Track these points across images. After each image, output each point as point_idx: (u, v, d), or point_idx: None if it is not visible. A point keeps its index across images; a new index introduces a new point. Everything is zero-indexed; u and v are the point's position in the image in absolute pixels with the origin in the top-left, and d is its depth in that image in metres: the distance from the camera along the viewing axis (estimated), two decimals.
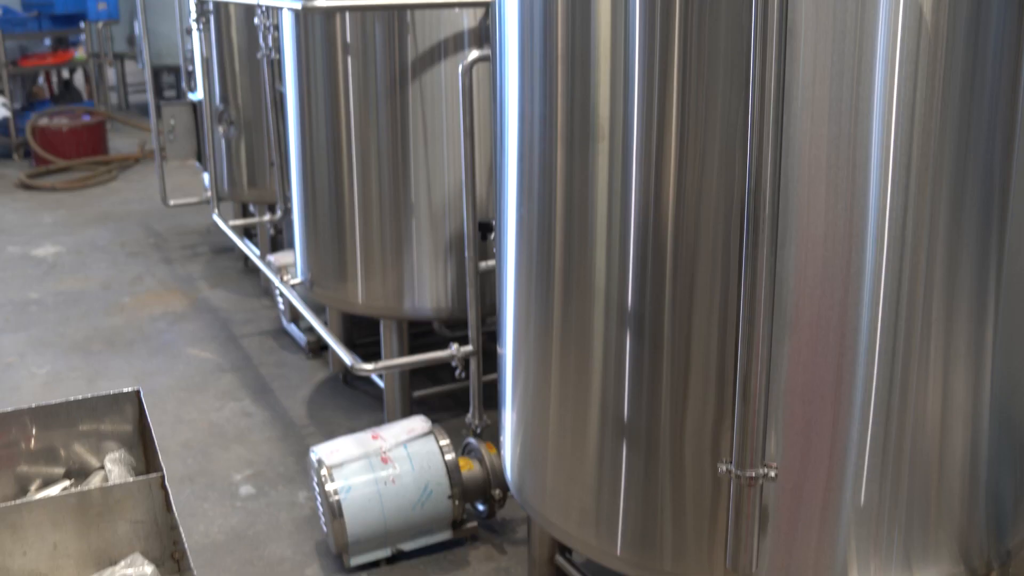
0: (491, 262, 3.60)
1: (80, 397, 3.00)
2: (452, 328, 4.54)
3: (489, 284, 3.65)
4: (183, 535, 2.60)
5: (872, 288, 2.03)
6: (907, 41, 1.92)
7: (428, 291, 3.89)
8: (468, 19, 3.59)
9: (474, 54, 3.24)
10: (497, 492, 3.40)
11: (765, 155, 1.89)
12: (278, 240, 6.23)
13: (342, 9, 3.68)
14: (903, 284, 2.04)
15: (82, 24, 11.27)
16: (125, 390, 3.03)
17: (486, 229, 3.53)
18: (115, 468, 2.95)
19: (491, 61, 2.58)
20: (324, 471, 3.28)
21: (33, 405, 2.95)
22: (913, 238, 2.02)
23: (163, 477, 2.66)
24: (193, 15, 5.69)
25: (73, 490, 2.70)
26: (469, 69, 3.23)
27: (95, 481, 2.96)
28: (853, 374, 2.07)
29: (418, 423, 3.44)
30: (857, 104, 1.94)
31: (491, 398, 3.90)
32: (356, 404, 4.65)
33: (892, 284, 2.04)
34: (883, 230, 2.00)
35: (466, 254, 3.47)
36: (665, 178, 2.07)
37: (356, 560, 3.31)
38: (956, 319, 2.12)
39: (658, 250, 2.11)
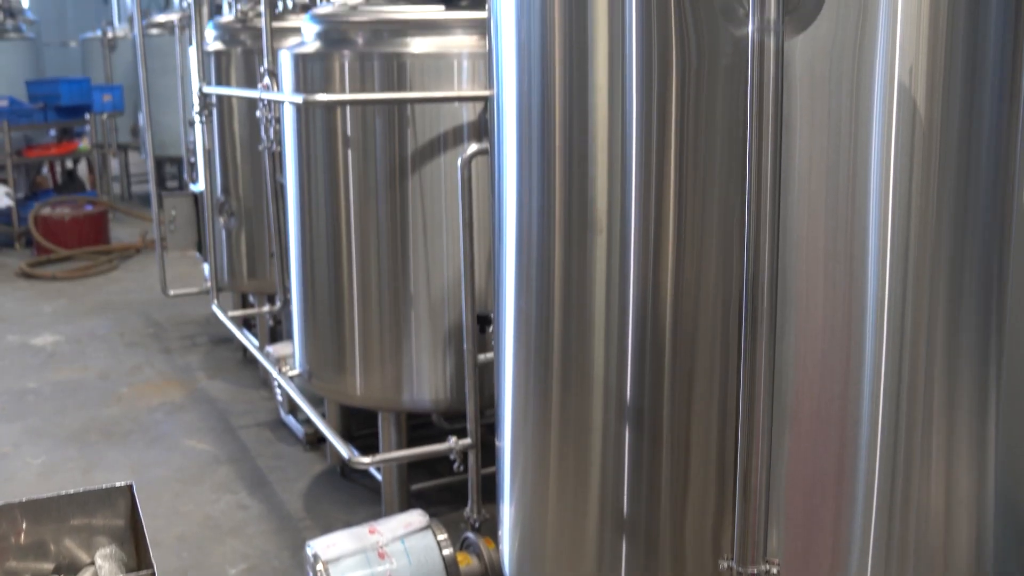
0: (490, 354, 3.59)
1: (72, 491, 2.97)
2: (451, 420, 4.51)
3: (488, 376, 3.63)
4: None
5: (872, 379, 2.02)
6: (901, 133, 1.94)
7: (427, 383, 3.87)
8: (467, 113, 3.63)
9: (473, 147, 3.27)
10: None
11: (763, 247, 1.89)
12: (277, 331, 6.23)
13: (343, 103, 3.73)
14: (903, 374, 2.03)
15: (87, 115, 11.41)
16: (117, 484, 3.00)
17: (485, 321, 3.53)
18: (106, 564, 2.91)
19: (490, 154, 2.60)
20: (320, 566, 3.23)
21: (24, 499, 2.92)
22: (912, 328, 2.02)
23: (153, 574, 2.62)
24: (196, 108, 5.76)
25: None
26: (468, 162, 3.26)
27: None
28: (855, 466, 2.05)
29: (416, 517, 3.39)
30: (853, 195, 1.95)
31: (490, 491, 3.86)
32: (354, 497, 4.60)
33: (892, 374, 2.03)
34: (882, 320, 2.00)
35: (465, 346, 3.46)
36: (663, 270, 2.08)
37: None
38: (958, 409, 2.10)
39: (657, 342, 2.11)
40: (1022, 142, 2.12)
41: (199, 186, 6.47)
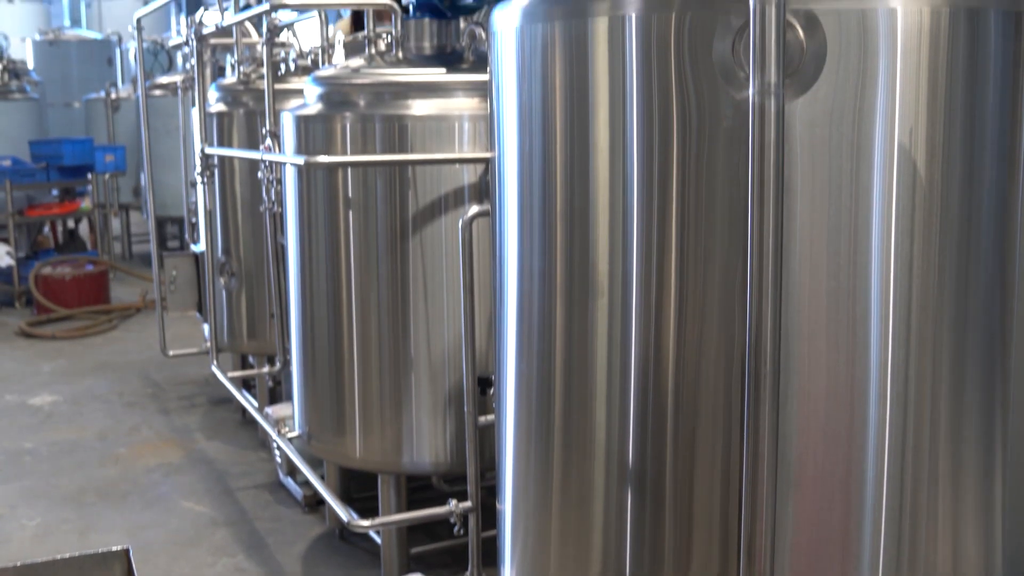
0: (491, 417, 3.57)
1: (67, 555, 2.94)
2: (451, 483, 4.47)
3: (489, 439, 3.61)
4: None
5: (876, 443, 2.00)
6: (902, 195, 1.94)
7: (427, 446, 3.84)
8: (468, 174, 3.64)
9: (474, 209, 3.27)
10: None
11: (765, 310, 1.88)
12: (277, 392, 6.20)
13: (344, 164, 3.74)
14: (908, 437, 2.01)
15: (89, 175, 11.47)
16: (114, 548, 2.97)
17: (485, 384, 3.51)
18: None
19: (491, 216, 2.60)
20: None
21: (18, 563, 2.88)
22: (916, 391, 2.00)
23: None
24: (198, 169, 5.79)
25: None
26: (469, 224, 3.26)
27: None
28: (860, 532, 2.03)
29: None
30: (855, 258, 1.95)
31: (491, 555, 3.81)
32: (353, 560, 4.54)
33: (897, 438, 2.01)
34: (885, 383, 1.98)
35: (465, 408, 3.44)
36: (665, 334, 2.07)
37: None
38: (963, 471, 2.08)
39: (659, 407, 2.09)
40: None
41: (200, 246, 6.48)
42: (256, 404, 5.31)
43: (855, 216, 1.93)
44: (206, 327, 6.40)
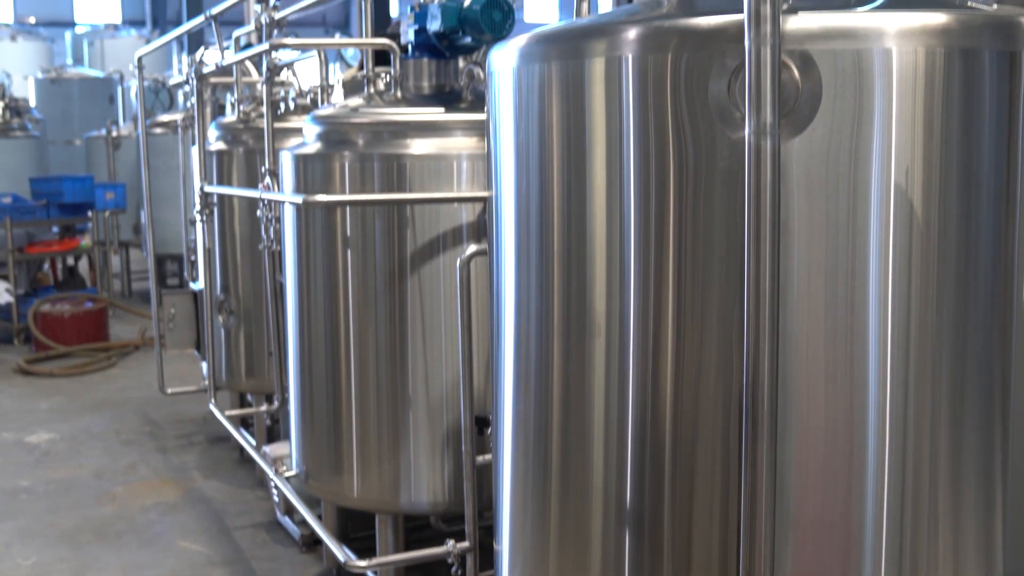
0: (488, 456, 3.55)
1: None
2: (449, 522, 4.44)
3: (487, 478, 3.58)
4: None
5: (876, 483, 1.99)
6: (899, 235, 1.94)
7: (425, 485, 3.82)
8: (467, 213, 3.65)
9: (472, 248, 3.28)
10: None
11: (762, 349, 1.88)
12: (275, 430, 6.18)
13: (342, 203, 3.75)
14: (907, 477, 2.00)
15: (89, 213, 11.49)
16: None
17: (483, 423, 3.50)
18: None
19: (488, 255, 2.60)
20: None
21: None
22: (915, 431, 2.00)
23: None
24: (197, 207, 5.80)
25: None
26: (467, 263, 3.26)
27: None
28: (860, 572, 2.01)
29: None
30: (853, 298, 1.94)
31: None
32: None
33: (896, 477, 2.00)
34: (884, 423, 1.98)
35: (463, 448, 3.43)
36: (662, 374, 2.06)
37: None
38: (963, 513, 2.07)
39: (656, 447, 2.08)
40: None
41: (199, 284, 6.48)
42: (254, 443, 5.29)
43: (852, 255, 1.93)
44: (204, 365, 6.39)
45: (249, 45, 6.32)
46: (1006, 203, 2.04)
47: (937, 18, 1.94)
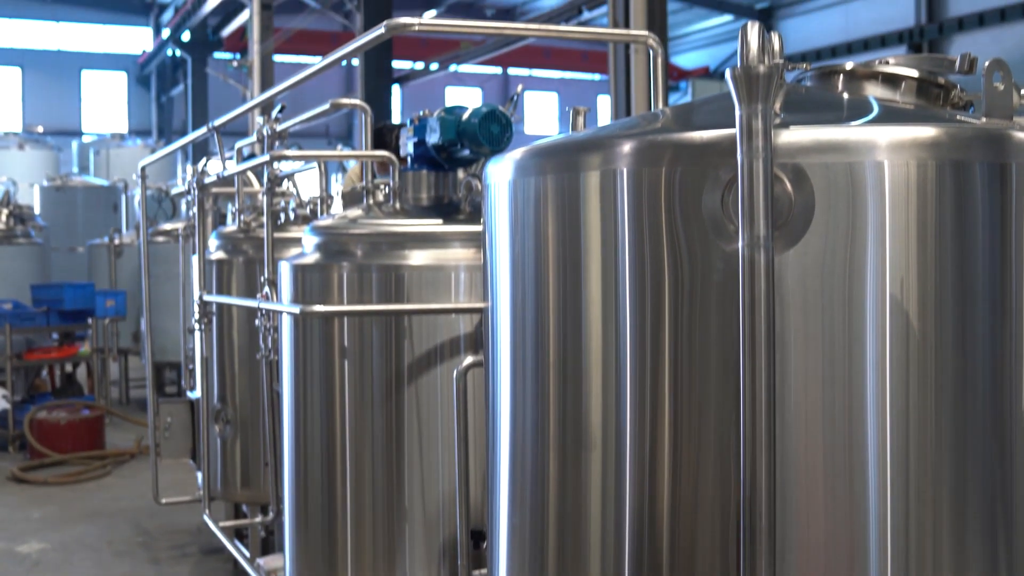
0: (485, 571, 3.49)
1: None
2: None
3: None
4: None
5: None
6: (896, 347, 1.94)
7: None
8: (464, 324, 3.65)
9: (469, 359, 3.26)
10: None
11: (760, 463, 1.86)
12: (270, 542, 6.08)
13: (340, 314, 3.75)
14: None
15: (89, 320, 11.51)
16: None
17: (479, 537, 3.44)
18: None
19: (484, 367, 2.59)
20: None
21: None
22: (917, 544, 1.97)
23: None
24: (196, 316, 5.80)
25: None
26: (464, 374, 3.24)
27: None
28: None
29: None
30: (851, 411, 1.93)
31: None
32: None
33: None
34: (885, 537, 1.95)
35: (459, 562, 3.36)
36: (659, 488, 2.04)
37: None
38: None
39: (654, 562, 2.05)
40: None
41: (196, 393, 6.45)
42: (248, 554, 5.20)
43: (849, 368, 1.93)
44: (200, 475, 6.32)
45: (252, 155, 6.41)
46: (1002, 314, 2.04)
47: (928, 131, 1.96)
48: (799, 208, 1.92)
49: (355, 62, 18.50)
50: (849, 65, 2.35)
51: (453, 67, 22.86)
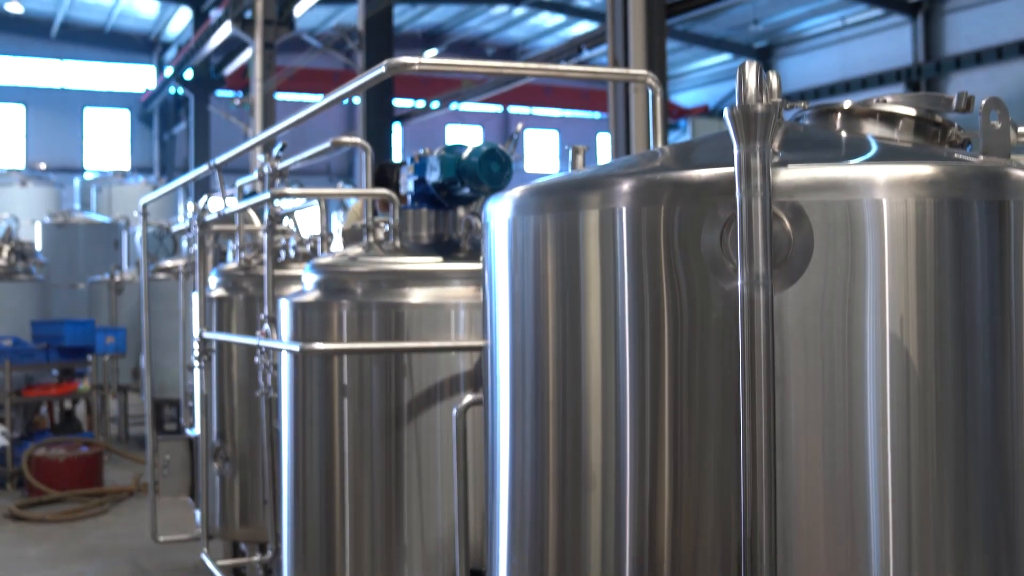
0: None
1: None
2: None
3: None
4: None
5: None
6: (896, 385, 1.93)
7: None
8: (464, 362, 3.64)
9: (468, 398, 3.25)
10: None
11: (760, 501, 1.85)
12: None
13: (339, 352, 3.75)
14: None
15: (89, 357, 11.48)
16: None
17: None
18: None
19: (483, 405, 2.59)
20: None
21: None
22: None
23: None
24: (196, 353, 5.80)
25: None
26: (463, 413, 3.23)
27: None
28: None
29: None
30: (851, 449, 1.92)
31: None
32: None
33: None
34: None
35: None
36: (659, 527, 2.02)
37: None
38: None
39: None
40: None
41: (195, 430, 6.43)
42: None
43: (849, 406, 1.92)
44: (198, 513, 6.29)
45: (253, 193, 6.42)
46: (1002, 351, 2.04)
47: (926, 170, 1.97)
48: (798, 246, 1.92)
49: (356, 100, 18.57)
50: (847, 103, 2.36)
51: (454, 105, 22.97)
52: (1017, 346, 2.03)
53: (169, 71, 28.90)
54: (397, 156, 21.41)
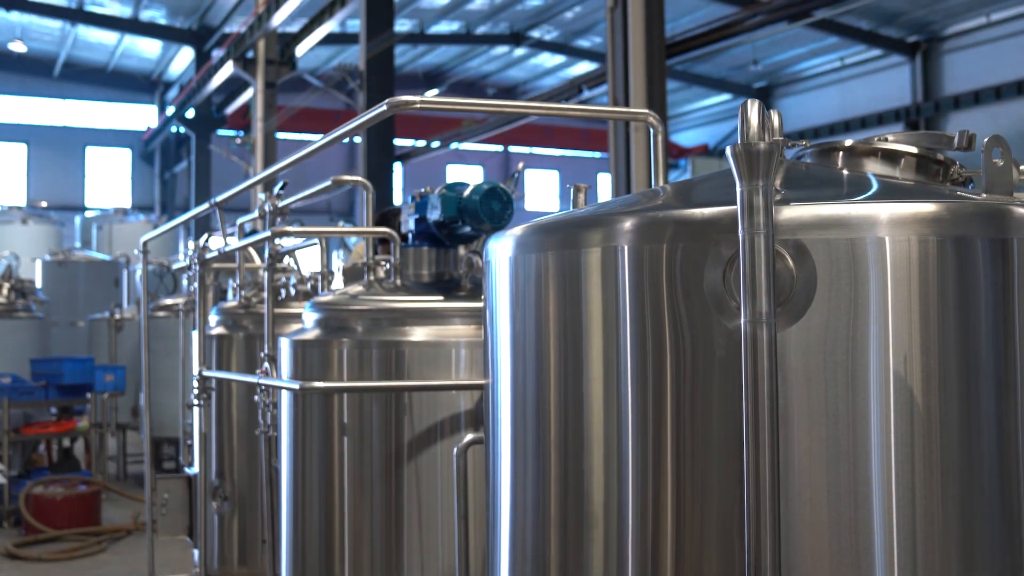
0: None
1: None
2: None
3: None
4: None
5: None
6: (900, 423, 1.92)
7: None
8: (465, 401, 3.63)
9: (469, 437, 3.24)
10: None
11: (763, 541, 1.84)
12: None
13: (339, 390, 3.73)
14: None
15: (88, 395, 11.46)
16: None
17: None
18: None
19: (485, 444, 2.57)
20: None
21: None
22: None
23: None
24: (195, 391, 5.78)
25: None
26: (464, 452, 3.22)
27: None
28: None
29: None
30: (855, 488, 1.91)
31: None
32: None
33: None
34: None
35: None
36: (662, 567, 2.01)
37: None
38: None
39: None
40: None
41: (194, 469, 6.40)
42: None
43: (853, 445, 1.91)
44: (196, 552, 6.24)
45: (253, 231, 6.43)
46: (1007, 389, 2.02)
47: (928, 208, 1.96)
48: (801, 284, 1.92)
49: (357, 140, 18.66)
50: (848, 142, 2.36)
51: (454, 145, 23.09)
52: (1022, 384, 2.02)
53: (171, 110, 29.08)
54: (398, 195, 21.48)
